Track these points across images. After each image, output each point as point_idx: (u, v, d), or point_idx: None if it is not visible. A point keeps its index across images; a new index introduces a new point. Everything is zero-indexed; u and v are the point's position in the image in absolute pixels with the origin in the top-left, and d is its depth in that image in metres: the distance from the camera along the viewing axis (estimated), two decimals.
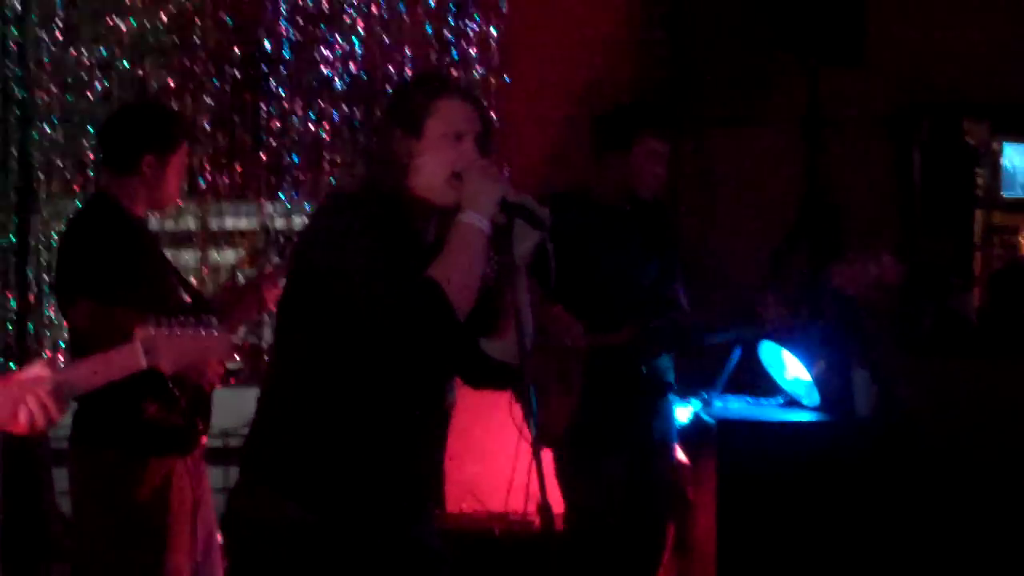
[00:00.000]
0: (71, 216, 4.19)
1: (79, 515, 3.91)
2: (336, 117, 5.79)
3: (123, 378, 2.58)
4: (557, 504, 4.55)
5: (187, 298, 4.09)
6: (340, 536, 2.75)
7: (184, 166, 4.02)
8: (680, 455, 4.81)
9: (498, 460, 5.19)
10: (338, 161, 5.77)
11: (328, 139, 5.78)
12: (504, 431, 4.73)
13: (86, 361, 2.51)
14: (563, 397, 4.19)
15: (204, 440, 4.00)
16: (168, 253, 5.52)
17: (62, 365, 2.49)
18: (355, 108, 5.78)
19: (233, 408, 5.77)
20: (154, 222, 5.51)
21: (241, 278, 5.63)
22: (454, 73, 5.75)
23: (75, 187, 5.40)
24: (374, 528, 2.81)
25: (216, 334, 2.65)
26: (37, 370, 2.42)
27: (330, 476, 2.75)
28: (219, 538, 4.16)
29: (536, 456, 2.60)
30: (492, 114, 5.22)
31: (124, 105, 4.97)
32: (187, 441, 3.87)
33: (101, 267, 3.71)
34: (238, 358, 5.57)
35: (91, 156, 5.46)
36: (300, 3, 5.77)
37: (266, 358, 5.57)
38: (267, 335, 5.59)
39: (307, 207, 5.71)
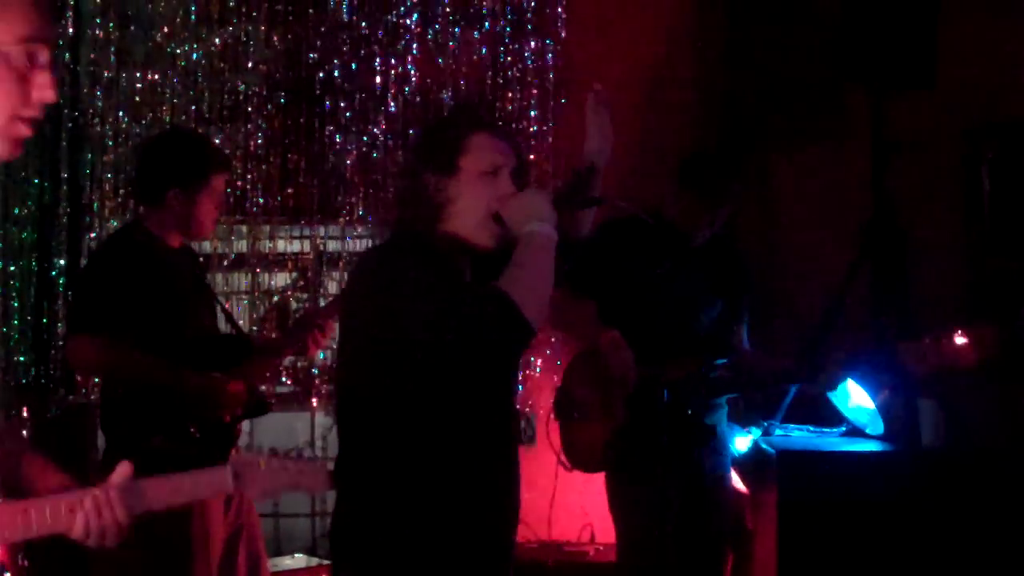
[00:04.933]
0: (96, 246, 4.18)
1: (102, 549, 3.86)
2: (390, 140, 5.75)
3: (140, 411, 2.43)
4: (609, 534, 4.46)
5: (221, 328, 4.04)
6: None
7: (218, 197, 3.93)
8: (739, 484, 4.70)
9: (551, 489, 5.13)
10: (392, 184, 5.72)
11: (381, 162, 5.74)
12: (543, 456, 4.67)
13: (170, 477, 2.33)
14: (604, 422, 4.11)
15: None
16: (219, 276, 5.53)
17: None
18: (409, 131, 5.74)
19: (283, 430, 5.76)
20: (206, 245, 5.52)
21: (293, 302, 5.60)
22: (509, 95, 5.70)
23: (126, 212, 5.37)
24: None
25: (310, 466, 2.50)
26: (113, 476, 2.26)
27: (425, 552, 2.66)
28: (267, 565, 4.11)
29: None
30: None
31: (155, 135, 4.93)
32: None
33: (98, 302, 3.69)
34: (288, 381, 5.54)
35: None
36: (354, 26, 5.74)
37: (316, 381, 5.53)
38: (316, 358, 5.54)
39: (360, 231, 5.68)
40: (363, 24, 5.76)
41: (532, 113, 5.82)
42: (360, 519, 2.71)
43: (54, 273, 5.35)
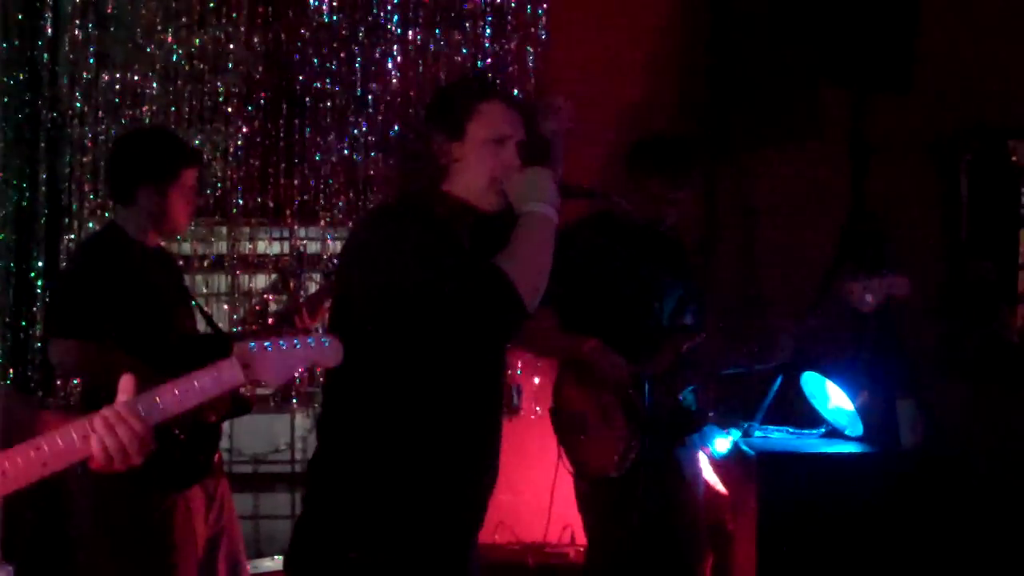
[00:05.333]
0: (75, 248, 4.16)
1: (88, 544, 3.86)
2: (370, 142, 5.74)
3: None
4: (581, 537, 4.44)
5: (200, 328, 4.03)
6: (404, 571, 2.69)
7: (190, 193, 3.92)
8: (719, 485, 4.71)
9: (531, 490, 5.14)
10: (372, 186, 5.71)
11: (361, 164, 5.72)
12: (538, 461, 4.66)
13: (175, 381, 2.24)
14: (607, 433, 4.07)
15: (217, 471, 3.92)
16: (198, 278, 5.51)
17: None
18: (390, 132, 5.72)
19: (263, 434, 5.75)
20: (185, 246, 5.50)
21: (272, 304, 5.58)
22: None
23: (105, 212, 5.34)
24: (436, 559, 2.75)
25: (318, 338, 2.40)
26: (120, 393, 2.19)
27: (397, 517, 2.67)
28: (247, 567, 4.10)
29: None
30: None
31: (123, 135, 4.91)
32: (185, 475, 3.78)
33: (75, 304, 3.67)
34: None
35: None
36: (335, 28, 5.73)
37: (297, 382, 5.52)
38: None
39: (340, 231, 5.66)
40: (344, 25, 5.74)
41: None
42: (337, 486, 2.71)
43: (32, 275, 5.33)
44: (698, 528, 4.36)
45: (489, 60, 5.78)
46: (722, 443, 4.64)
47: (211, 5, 5.62)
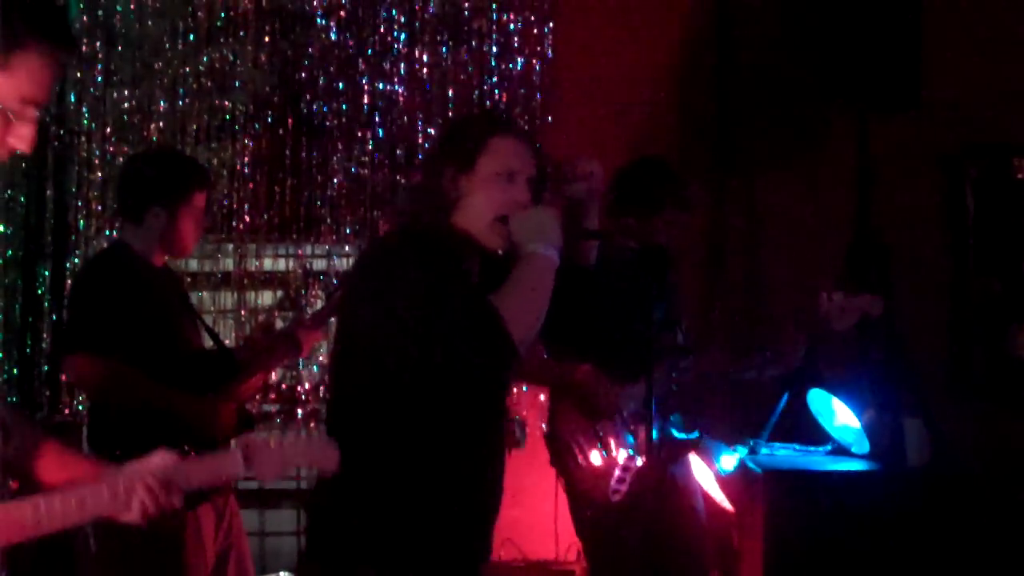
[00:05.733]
0: (82, 266, 4.17)
1: (97, 564, 3.85)
2: (377, 159, 5.75)
3: (132, 431, 2.49)
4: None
5: (207, 346, 4.03)
6: None
7: (199, 215, 3.92)
8: (725, 503, 4.69)
9: (537, 507, 5.13)
10: (379, 203, 5.72)
11: (368, 181, 5.73)
12: (543, 478, 4.65)
13: (202, 458, 2.43)
14: (601, 459, 4.04)
15: (225, 488, 3.91)
16: (205, 295, 5.51)
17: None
18: (396, 150, 5.74)
19: None
20: (193, 263, 5.51)
21: (279, 321, 5.59)
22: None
23: (112, 230, 5.36)
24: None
25: (319, 442, 2.51)
26: (156, 459, 2.34)
27: (407, 534, 2.67)
28: None
29: None
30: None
31: (137, 153, 4.93)
32: (195, 493, 3.76)
33: (96, 321, 3.66)
34: (272, 397, 5.52)
35: None
36: (342, 46, 5.75)
37: (303, 397, 5.52)
38: (303, 376, 5.54)
39: (346, 249, 5.67)
40: (350, 43, 5.76)
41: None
42: (343, 503, 2.69)
43: (40, 291, 5.34)
44: (702, 544, 4.34)
45: (495, 78, 5.80)
46: (728, 460, 4.63)
47: (218, 24, 5.65)
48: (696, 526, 4.32)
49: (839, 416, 4.66)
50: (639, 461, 3.99)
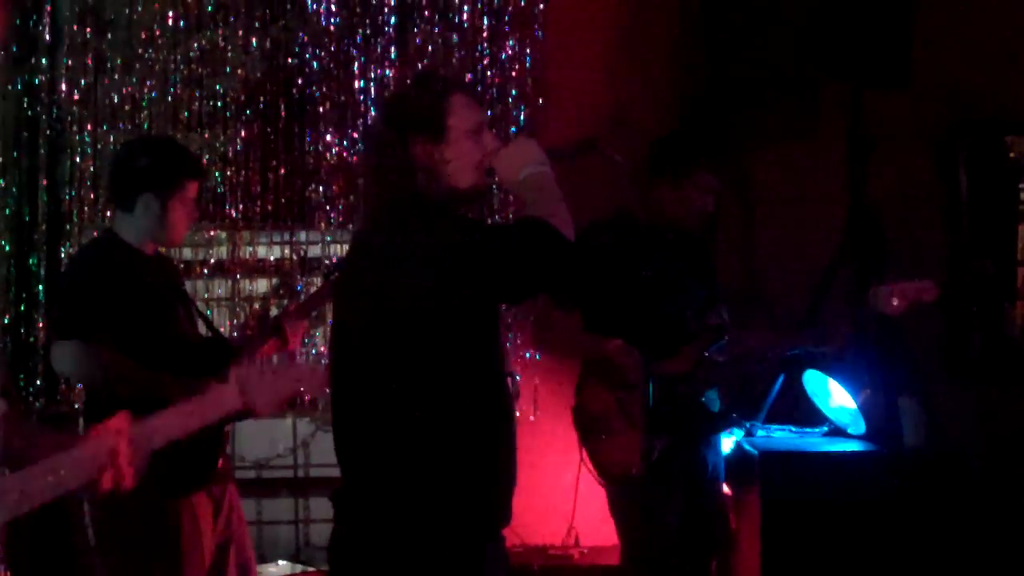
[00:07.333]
0: (70, 256, 4.16)
1: (94, 554, 3.87)
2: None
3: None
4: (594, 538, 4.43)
5: (202, 334, 4.03)
6: (448, 560, 2.72)
7: (191, 204, 3.91)
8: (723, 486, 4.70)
9: (536, 492, 5.12)
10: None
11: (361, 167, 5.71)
12: (543, 463, 4.66)
13: (176, 407, 2.42)
14: (629, 434, 4.06)
15: (223, 477, 3.92)
16: (199, 283, 5.50)
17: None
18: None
19: (266, 439, 5.75)
20: (186, 251, 5.50)
21: (274, 308, 5.58)
22: (486, 98, 5.68)
23: (105, 218, 5.34)
24: (480, 546, 2.81)
25: (307, 366, 2.55)
26: (116, 423, 2.35)
27: (447, 503, 2.69)
28: (257, 573, 4.10)
29: None
30: None
31: (130, 140, 4.91)
32: (190, 480, 3.77)
33: (84, 309, 3.66)
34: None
35: None
36: (333, 30, 5.72)
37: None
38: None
39: (340, 235, 5.66)
40: (342, 28, 5.73)
41: (513, 113, 5.80)
42: (380, 486, 2.69)
43: (32, 281, 5.33)
44: (727, 520, 4.42)
45: (487, 61, 5.78)
46: (725, 442, 4.64)
47: (209, 9, 5.61)
48: (721, 504, 4.37)
49: (835, 397, 4.66)
50: (662, 436, 4.02)
